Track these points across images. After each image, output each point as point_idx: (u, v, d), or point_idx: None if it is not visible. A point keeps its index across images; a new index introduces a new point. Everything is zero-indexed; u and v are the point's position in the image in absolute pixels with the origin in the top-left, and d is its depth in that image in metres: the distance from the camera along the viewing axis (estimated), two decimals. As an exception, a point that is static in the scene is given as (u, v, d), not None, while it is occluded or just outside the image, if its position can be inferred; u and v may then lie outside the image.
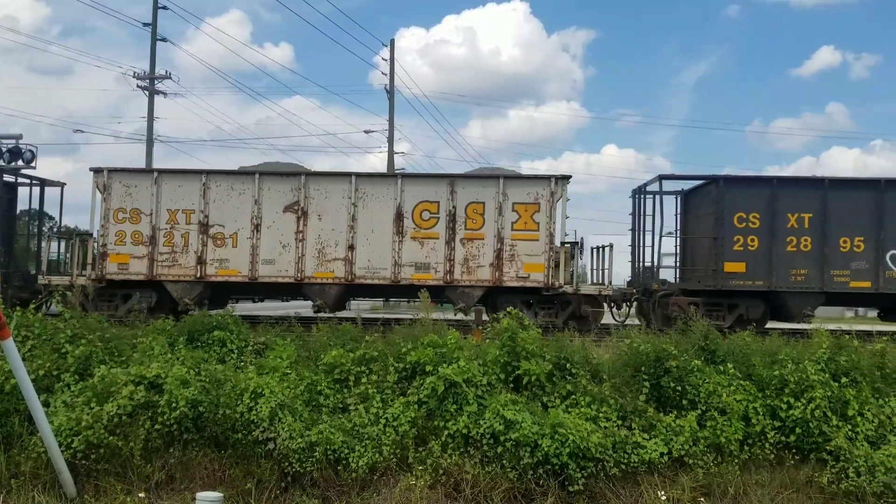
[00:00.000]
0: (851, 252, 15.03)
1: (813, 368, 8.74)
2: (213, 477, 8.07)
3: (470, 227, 15.15)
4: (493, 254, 15.01)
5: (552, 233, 14.97)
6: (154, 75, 31.42)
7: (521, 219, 15.08)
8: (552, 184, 15.08)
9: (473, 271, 15.08)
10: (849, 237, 15.06)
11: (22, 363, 7.15)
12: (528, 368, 8.60)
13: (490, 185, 15.25)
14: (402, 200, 15.27)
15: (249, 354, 9.56)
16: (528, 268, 15.01)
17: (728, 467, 8.31)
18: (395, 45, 36.32)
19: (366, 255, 15.18)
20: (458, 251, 15.10)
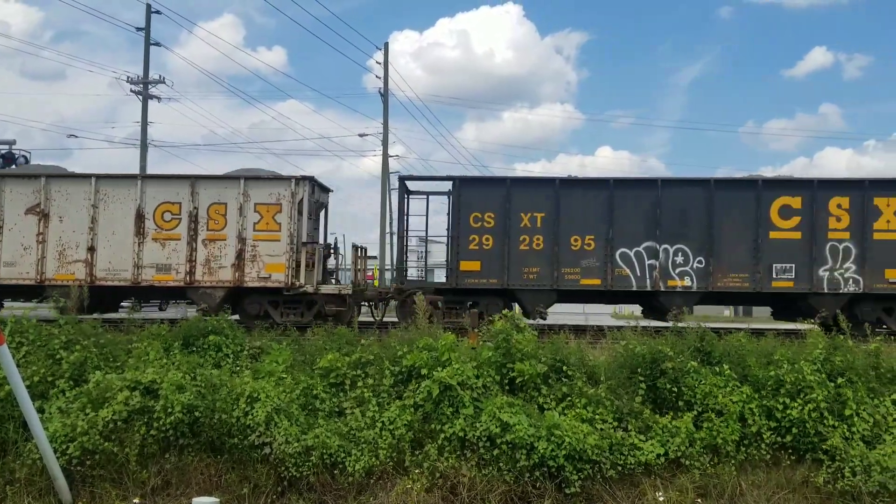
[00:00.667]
0: (582, 250, 15.30)
1: (809, 369, 8.76)
2: (209, 482, 8.06)
3: (212, 227, 15.14)
4: (235, 254, 15.00)
5: (293, 233, 15.02)
6: (148, 80, 31.36)
7: (263, 219, 15.14)
8: (293, 185, 15.15)
9: (215, 272, 15.05)
10: (580, 236, 15.32)
11: (16, 369, 7.13)
12: (523, 370, 8.60)
13: (232, 186, 15.24)
14: (144, 202, 15.18)
15: (245, 359, 9.54)
16: (269, 268, 15.06)
17: (725, 468, 8.32)
18: (388, 49, 36.34)
19: (107, 256, 15.08)
20: (199, 252, 15.04)
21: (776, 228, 15.13)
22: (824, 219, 15.09)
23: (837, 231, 15.08)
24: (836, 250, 15.04)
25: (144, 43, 31.26)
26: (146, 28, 31.21)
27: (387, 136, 36.01)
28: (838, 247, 15.03)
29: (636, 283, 15.20)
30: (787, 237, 15.11)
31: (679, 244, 15.20)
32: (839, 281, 14.97)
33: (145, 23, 31.24)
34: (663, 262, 15.15)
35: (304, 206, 15.12)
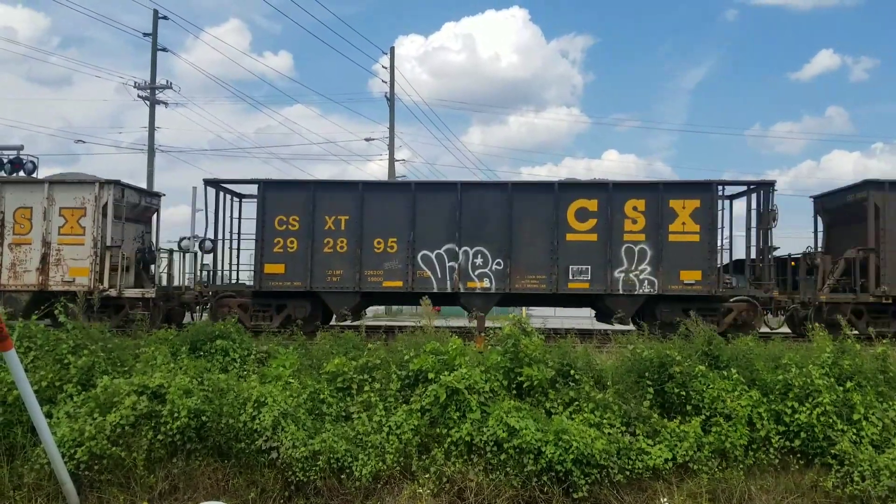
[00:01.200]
0: (385, 253, 15.37)
1: (817, 373, 8.73)
2: (216, 487, 8.06)
3: (18, 231, 15.13)
4: (40, 258, 14.97)
5: (97, 237, 14.98)
6: (155, 85, 31.48)
7: (68, 223, 15.12)
8: (97, 188, 15.10)
9: (21, 276, 14.99)
10: (383, 238, 15.40)
11: (24, 374, 7.14)
12: (531, 374, 8.58)
13: (37, 191, 15.21)
14: None
15: (252, 363, 9.55)
16: (73, 272, 15.05)
17: (733, 472, 8.29)
18: (394, 53, 36.39)
19: None
20: (6, 256, 15.04)
21: (573, 231, 15.29)
22: (620, 221, 15.27)
23: (633, 233, 15.26)
24: (632, 252, 15.19)
25: (152, 48, 31.37)
26: (153, 33, 31.32)
27: (393, 140, 36.04)
28: (634, 249, 15.19)
29: (437, 284, 15.31)
30: (583, 239, 15.28)
31: (479, 246, 15.36)
32: (634, 282, 15.12)
33: (152, 28, 31.35)
34: (463, 264, 15.30)
35: (110, 210, 15.07)
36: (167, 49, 32.40)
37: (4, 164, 18.12)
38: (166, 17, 32.16)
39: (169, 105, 32.55)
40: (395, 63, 36.09)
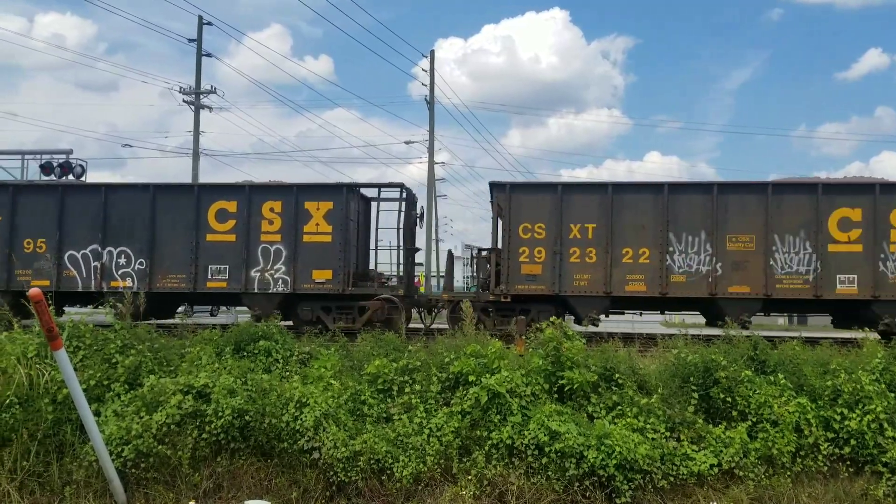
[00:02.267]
0: (35, 253, 16.14)
1: (867, 379, 8.53)
2: (259, 486, 8.14)
3: None
4: None
5: None
6: (199, 90, 31.98)
7: None
8: None
9: None
10: (33, 239, 16.19)
11: (74, 373, 7.29)
12: (573, 378, 8.52)
13: None
14: None
15: (294, 364, 9.62)
16: None
17: (780, 479, 8.14)
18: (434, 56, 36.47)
19: None
20: None
21: (213, 231, 16.17)
22: (258, 222, 16.15)
23: (270, 234, 16.20)
24: (268, 252, 16.08)
25: (196, 54, 31.91)
26: (198, 39, 31.87)
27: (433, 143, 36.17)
28: (270, 249, 16.09)
29: (82, 283, 16.07)
30: (222, 239, 16.15)
31: (123, 246, 16.19)
32: (269, 281, 15.97)
33: (197, 34, 31.91)
34: (107, 264, 16.09)
35: None
36: (211, 54, 32.99)
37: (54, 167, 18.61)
38: (210, 24, 32.73)
39: (213, 109, 33.06)
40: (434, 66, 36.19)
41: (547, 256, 15.74)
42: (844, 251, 15.15)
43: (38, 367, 8.50)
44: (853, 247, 15.17)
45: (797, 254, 15.29)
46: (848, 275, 15.13)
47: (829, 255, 15.19)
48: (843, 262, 15.16)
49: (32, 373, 8.44)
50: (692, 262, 15.49)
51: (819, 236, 15.16)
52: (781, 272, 15.27)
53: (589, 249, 15.63)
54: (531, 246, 15.83)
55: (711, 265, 15.37)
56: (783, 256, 15.32)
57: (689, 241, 15.51)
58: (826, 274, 15.16)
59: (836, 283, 15.16)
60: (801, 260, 15.25)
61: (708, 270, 15.38)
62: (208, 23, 32.43)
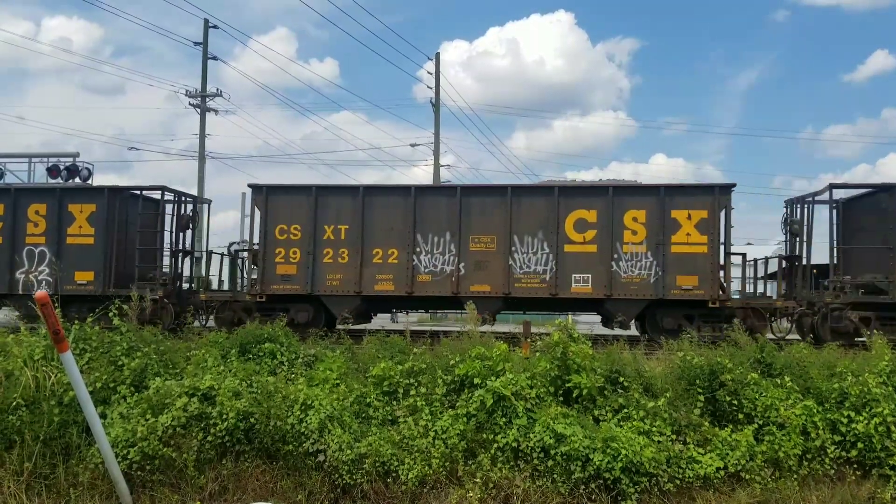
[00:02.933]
0: None
1: (874, 381, 8.50)
2: (264, 488, 8.14)
3: None
4: None
5: None
6: (205, 93, 32.05)
7: None
8: None
9: None
10: None
11: (80, 375, 7.30)
12: (580, 382, 8.50)
13: None
14: None
15: (300, 366, 9.63)
16: None
17: (786, 482, 8.10)
18: (440, 59, 36.47)
19: None
20: None
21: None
22: (23, 225, 16.70)
23: (34, 236, 16.73)
24: (33, 254, 16.58)
25: (202, 57, 31.96)
26: (204, 42, 31.91)
27: (438, 145, 36.14)
28: (34, 251, 16.61)
29: None
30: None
31: None
32: (34, 283, 16.46)
33: (203, 37, 31.94)
34: None
35: None
36: (217, 58, 32.99)
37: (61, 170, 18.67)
38: (216, 27, 32.80)
39: (219, 112, 33.10)
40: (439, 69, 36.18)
41: (302, 257, 16.19)
42: (580, 251, 15.76)
43: (45, 370, 8.53)
44: (588, 247, 15.80)
45: (535, 254, 15.83)
46: (583, 274, 15.72)
47: (566, 255, 15.77)
48: (579, 261, 15.76)
49: (39, 375, 8.46)
50: (437, 262, 16.03)
51: (556, 237, 15.75)
52: (520, 272, 15.82)
53: (342, 250, 16.17)
54: (287, 247, 16.28)
55: (455, 265, 15.93)
56: (522, 257, 15.87)
57: (434, 242, 16.05)
58: (562, 273, 15.74)
59: (571, 283, 15.73)
60: (539, 260, 15.79)
61: (452, 270, 15.93)
62: (214, 26, 32.50)
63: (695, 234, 15.57)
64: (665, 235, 15.58)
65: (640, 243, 15.65)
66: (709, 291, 15.38)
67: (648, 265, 15.57)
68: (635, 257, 15.63)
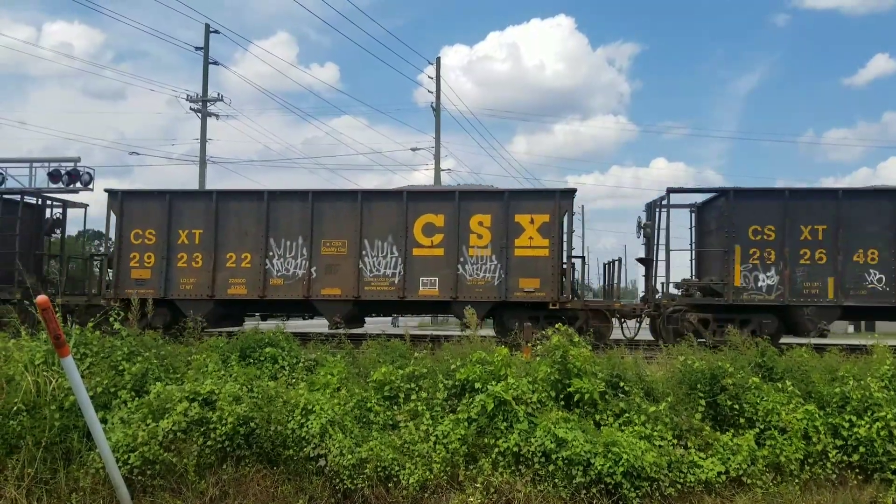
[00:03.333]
0: None
1: (876, 385, 8.49)
2: (265, 493, 8.12)
3: None
4: None
5: None
6: (206, 98, 32.10)
7: None
8: None
9: None
10: None
11: (81, 380, 7.29)
12: (581, 386, 8.49)
13: None
14: None
15: (300, 371, 9.62)
16: None
17: (788, 487, 8.09)
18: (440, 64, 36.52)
19: None
20: None
21: None
22: None
23: None
24: None
25: (203, 62, 32.03)
26: (205, 47, 32.00)
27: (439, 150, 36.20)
28: None
29: None
30: None
31: None
32: None
33: (204, 42, 32.04)
34: None
35: None
36: (218, 62, 33.15)
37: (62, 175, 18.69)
38: (217, 32, 32.92)
39: (220, 117, 33.17)
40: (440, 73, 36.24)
41: (156, 261, 16.65)
42: (427, 255, 16.28)
43: (45, 375, 8.51)
44: (435, 251, 16.30)
45: (385, 258, 16.38)
46: (430, 277, 16.23)
47: (414, 258, 16.32)
48: (427, 265, 16.28)
49: (39, 380, 8.45)
50: (290, 266, 16.52)
51: (405, 241, 16.29)
52: (370, 275, 16.37)
53: (196, 254, 16.60)
54: (142, 251, 16.75)
55: (307, 269, 16.43)
56: (372, 260, 16.43)
57: (287, 247, 16.54)
58: (410, 276, 16.26)
59: (419, 285, 16.24)
60: (389, 263, 16.34)
61: (304, 274, 16.42)
62: (215, 31, 32.63)
63: (537, 238, 16.14)
64: (509, 239, 16.15)
65: (485, 247, 16.24)
66: (550, 294, 15.96)
67: (493, 268, 16.15)
68: (481, 261, 16.20)
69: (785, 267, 15.55)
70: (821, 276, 15.52)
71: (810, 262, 15.54)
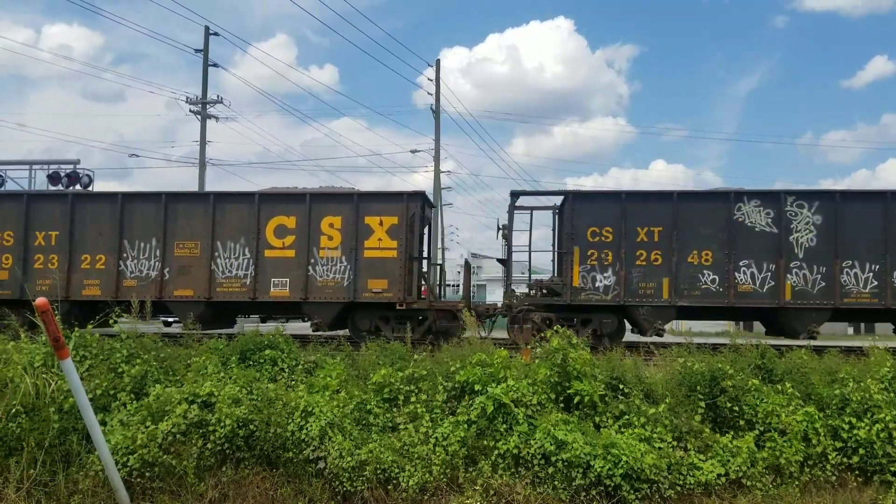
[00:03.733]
0: None
1: (876, 387, 8.48)
2: (265, 496, 8.11)
3: None
4: None
5: None
6: (206, 100, 32.10)
7: None
8: None
9: None
10: None
11: (80, 382, 7.29)
12: (581, 388, 8.48)
13: None
14: None
15: (300, 373, 9.63)
16: None
17: (788, 489, 8.08)
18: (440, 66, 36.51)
19: None
20: None
21: None
22: None
23: None
24: None
25: (203, 64, 32.03)
26: (204, 50, 32.00)
27: (438, 152, 36.17)
28: None
29: None
30: None
31: None
32: None
33: (203, 45, 32.04)
34: None
35: None
36: (218, 65, 33.13)
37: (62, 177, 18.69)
38: (217, 34, 32.87)
39: (219, 119, 33.15)
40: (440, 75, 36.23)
41: (14, 262, 16.87)
42: (279, 256, 16.56)
43: (45, 377, 8.51)
44: (287, 252, 16.58)
45: (237, 259, 16.65)
46: (282, 278, 16.52)
47: (266, 259, 16.59)
48: (278, 266, 16.56)
49: (39, 382, 8.45)
50: (143, 267, 16.78)
51: (256, 243, 16.57)
52: (223, 276, 16.64)
53: (52, 256, 16.90)
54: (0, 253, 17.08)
55: (160, 270, 16.69)
56: (225, 262, 16.68)
57: (141, 248, 16.81)
58: (262, 277, 16.56)
59: (270, 286, 16.53)
60: (241, 265, 16.61)
61: (157, 275, 16.68)
62: (215, 33, 32.62)
63: (386, 240, 16.48)
64: (359, 241, 16.48)
65: (335, 248, 16.55)
66: (397, 294, 16.20)
67: (343, 269, 16.47)
68: (331, 262, 16.50)
69: (621, 268, 15.93)
70: (656, 276, 15.89)
71: (646, 264, 15.93)
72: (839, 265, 15.57)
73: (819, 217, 15.74)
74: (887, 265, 15.47)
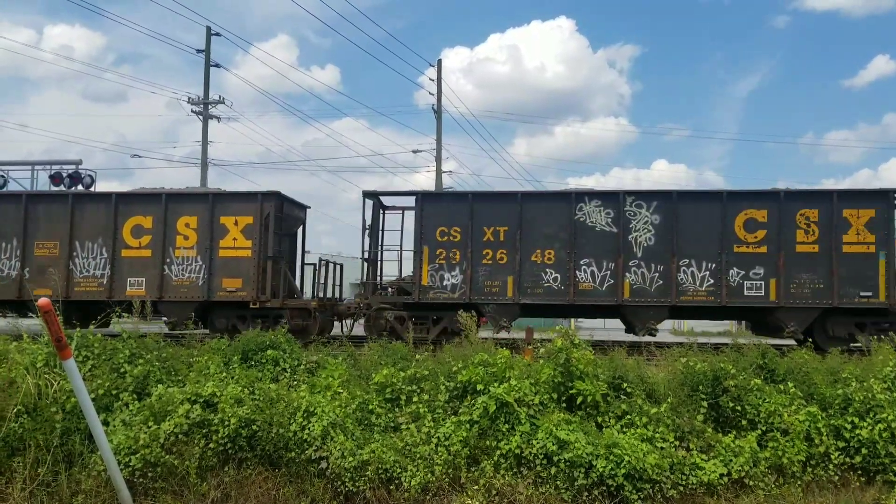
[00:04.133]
0: None
1: (879, 387, 8.47)
2: (267, 496, 8.11)
3: None
4: None
5: None
6: (208, 100, 32.10)
7: None
8: None
9: None
10: None
11: (83, 383, 7.29)
12: (584, 389, 8.47)
13: None
14: None
15: (302, 373, 9.62)
16: None
17: (790, 489, 8.07)
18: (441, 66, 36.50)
19: None
20: None
21: None
22: None
23: None
24: None
25: (205, 64, 32.03)
26: (206, 50, 31.99)
27: (440, 152, 36.13)
28: None
29: None
30: None
31: None
32: None
33: (205, 45, 32.03)
34: None
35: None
36: (219, 65, 33.12)
37: (64, 178, 18.70)
38: (218, 34, 32.86)
39: (221, 119, 33.14)
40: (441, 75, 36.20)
41: None
42: (136, 256, 16.91)
43: (47, 377, 8.52)
44: (143, 252, 16.94)
45: (95, 259, 16.95)
46: (138, 277, 16.88)
47: (123, 259, 16.92)
48: (135, 266, 16.90)
49: (41, 382, 8.45)
50: (5, 267, 17.13)
51: (113, 243, 16.88)
52: (80, 276, 16.96)
53: None
54: None
55: (20, 270, 17.02)
56: (83, 261, 16.98)
57: (2, 248, 17.12)
58: (118, 277, 16.88)
59: (127, 286, 16.85)
60: (98, 264, 16.92)
61: (18, 275, 16.99)
62: (216, 34, 32.60)
63: (241, 239, 16.78)
64: (214, 240, 16.78)
65: (191, 248, 16.86)
66: (251, 293, 16.51)
67: (198, 269, 16.77)
68: (187, 261, 16.80)
69: (468, 267, 16.19)
70: (501, 275, 16.18)
71: (492, 262, 16.20)
72: (676, 264, 15.82)
73: (658, 217, 15.98)
74: (723, 264, 15.70)
